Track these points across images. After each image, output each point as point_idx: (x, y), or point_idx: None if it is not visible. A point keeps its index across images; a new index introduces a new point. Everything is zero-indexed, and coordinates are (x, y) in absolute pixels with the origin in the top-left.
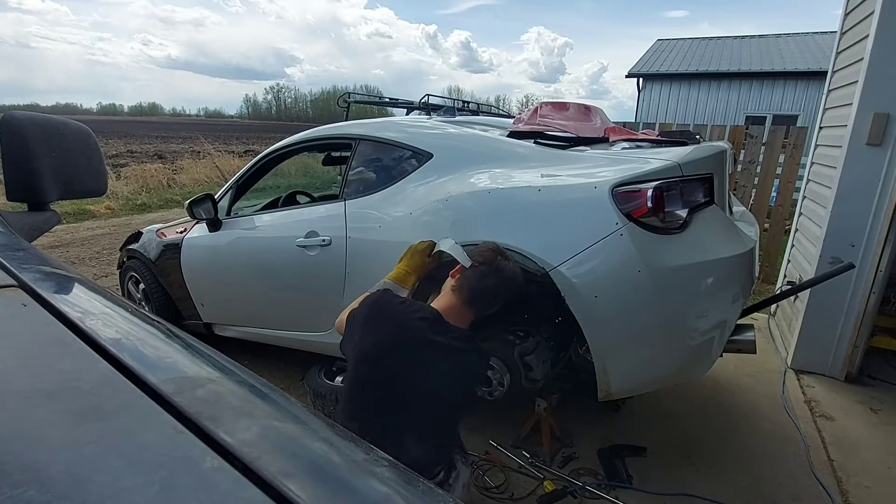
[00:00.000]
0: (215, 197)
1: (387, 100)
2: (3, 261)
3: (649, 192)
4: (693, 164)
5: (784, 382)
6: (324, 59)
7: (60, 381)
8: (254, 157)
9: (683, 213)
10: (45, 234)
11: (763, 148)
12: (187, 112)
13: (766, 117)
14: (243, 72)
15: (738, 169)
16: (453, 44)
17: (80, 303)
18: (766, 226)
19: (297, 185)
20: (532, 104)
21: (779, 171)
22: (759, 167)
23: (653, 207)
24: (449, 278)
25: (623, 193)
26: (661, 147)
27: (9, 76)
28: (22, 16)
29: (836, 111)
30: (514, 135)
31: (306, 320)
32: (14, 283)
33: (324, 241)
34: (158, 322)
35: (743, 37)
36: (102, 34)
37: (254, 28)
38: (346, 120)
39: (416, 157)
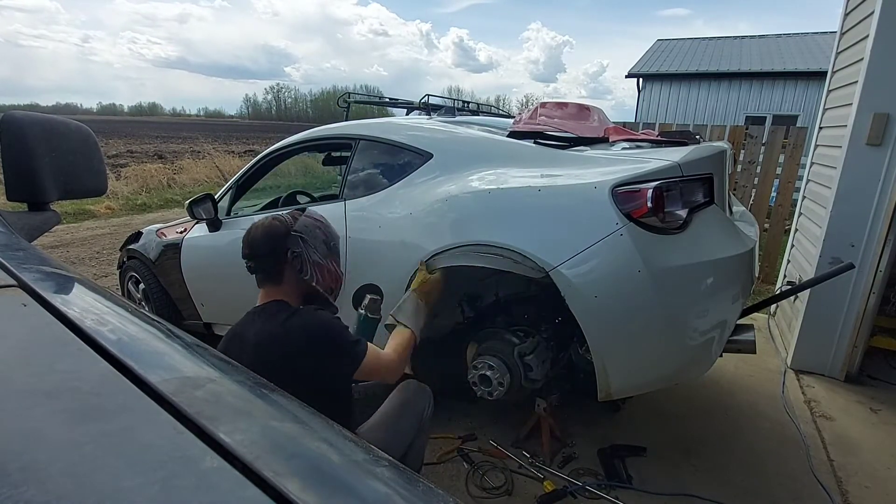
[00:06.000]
0: (215, 197)
1: (387, 100)
2: (3, 261)
3: (649, 193)
4: (693, 164)
5: (784, 382)
6: (321, 58)
7: (60, 381)
8: (254, 157)
9: (683, 213)
10: (45, 234)
11: (763, 148)
12: (187, 112)
13: (766, 117)
14: (241, 71)
15: (738, 169)
16: (452, 43)
17: (80, 303)
18: (766, 226)
19: (297, 185)
20: (532, 104)
21: (779, 171)
22: (759, 167)
23: (653, 207)
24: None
25: (623, 193)
26: (661, 147)
27: (3, 75)
28: (12, 13)
29: (835, 111)
30: (514, 135)
31: None
32: (14, 283)
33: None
34: (158, 322)
35: (743, 37)
36: (90, 32)
37: (247, 26)
38: (346, 120)
39: (416, 158)
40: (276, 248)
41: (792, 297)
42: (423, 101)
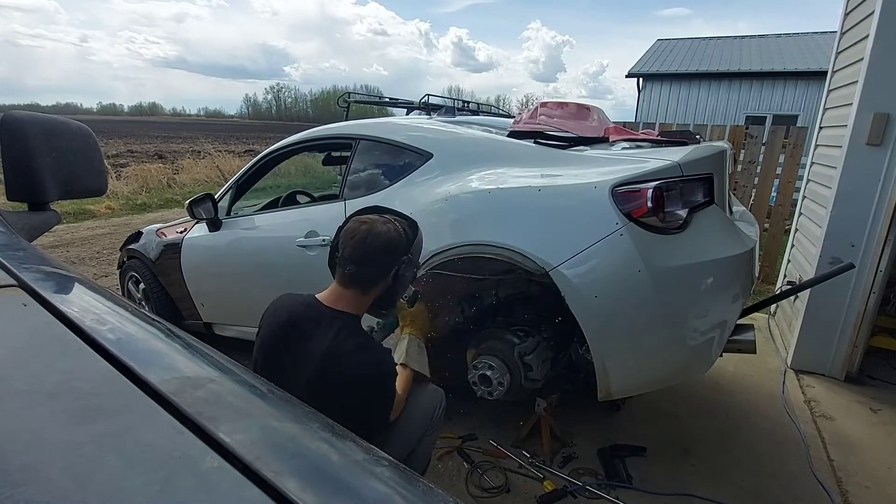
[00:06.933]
0: (215, 197)
1: (387, 100)
2: (3, 261)
3: (649, 192)
4: (693, 164)
5: (784, 382)
6: (320, 58)
7: (60, 381)
8: (254, 156)
9: (683, 213)
10: (46, 233)
11: (763, 148)
12: (187, 112)
13: (766, 117)
14: (240, 71)
15: (738, 169)
16: (451, 43)
17: (80, 303)
18: (766, 226)
19: (297, 185)
20: (532, 104)
21: (779, 171)
22: (759, 167)
23: (653, 207)
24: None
25: (623, 193)
26: (661, 147)
27: (2, 75)
28: (10, 13)
29: (836, 111)
30: (515, 135)
31: None
32: (14, 282)
33: (324, 240)
34: (158, 322)
35: (743, 37)
36: (88, 32)
37: (246, 25)
38: (346, 120)
39: (416, 158)
40: (388, 264)
41: (792, 297)
42: (423, 100)
